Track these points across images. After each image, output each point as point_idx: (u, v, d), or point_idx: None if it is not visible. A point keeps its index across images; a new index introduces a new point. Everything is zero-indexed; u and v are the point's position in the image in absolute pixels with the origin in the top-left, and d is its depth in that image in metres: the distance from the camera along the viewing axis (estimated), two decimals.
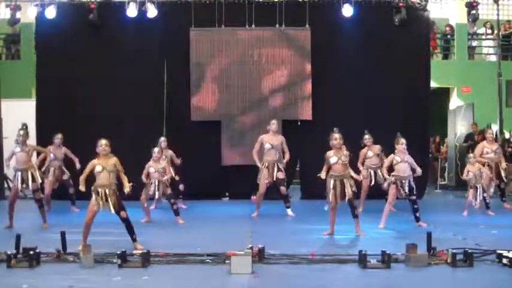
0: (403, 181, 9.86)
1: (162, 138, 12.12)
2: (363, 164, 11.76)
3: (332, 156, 9.08)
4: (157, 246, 7.79)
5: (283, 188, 11.33)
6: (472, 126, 16.26)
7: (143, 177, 10.60)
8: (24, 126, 10.23)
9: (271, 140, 11.37)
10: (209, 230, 9.90)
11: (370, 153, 11.80)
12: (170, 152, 12.16)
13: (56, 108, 13.87)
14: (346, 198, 9.05)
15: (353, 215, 9.17)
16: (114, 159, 8.02)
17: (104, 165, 7.94)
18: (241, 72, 14.07)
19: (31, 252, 7.07)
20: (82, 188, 8.02)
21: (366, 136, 11.85)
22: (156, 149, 10.86)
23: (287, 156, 11.40)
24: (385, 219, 9.87)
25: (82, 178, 8.06)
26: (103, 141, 8.02)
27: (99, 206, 7.89)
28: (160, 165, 10.74)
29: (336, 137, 9.10)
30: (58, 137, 11.95)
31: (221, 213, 12.06)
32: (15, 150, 10.15)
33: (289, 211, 11.39)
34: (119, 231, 8.38)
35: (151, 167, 10.65)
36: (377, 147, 11.80)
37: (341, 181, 9.07)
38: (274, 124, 11.55)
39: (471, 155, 11.92)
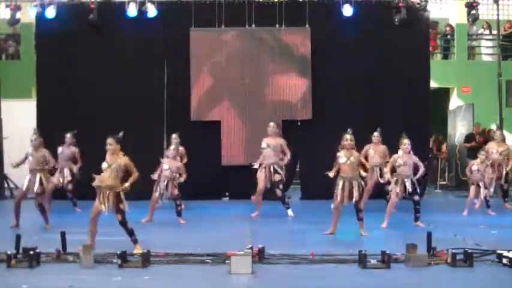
0: (405, 179, 9.90)
1: (174, 135, 12.09)
2: (365, 158, 11.71)
3: (342, 157, 9.11)
4: (157, 246, 7.79)
5: (278, 191, 11.32)
6: (475, 127, 16.25)
7: (156, 176, 10.58)
8: (35, 131, 10.26)
9: (272, 145, 11.37)
10: (209, 230, 9.90)
11: (371, 152, 11.78)
12: (181, 149, 12.17)
13: (56, 108, 13.87)
14: (353, 200, 9.07)
15: (357, 217, 9.19)
16: (123, 160, 7.90)
17: (110, 162, 7.87)
18: (241, 72, 14.06)
19: (31, 252, 7.07)
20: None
21: (375, 134, 11.79)
22: (172, 146, 10.83)
23: (286, 158, 11.36)
24: (388, 219, 9.89)
25: None
26: (108, 140, 7.95)
27: (102, 208, 7.87)
28: (175, 163, 10.72)
29: (348, 138, 9.14)
30: (67, 136, 11.93)
31: (221, 213, 12.06)
32: (29, 153, 10.14)
33: (289, 211, 11.40)
34: (119, 231, 8.38)
35: (166, 164, 10.63)
36: (382, 148, 11.71)
37: (350, 182, 9.09)
38: (270, 127, 11.53)
39: (483, 152, 11.88)
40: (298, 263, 7.25)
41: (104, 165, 7.90)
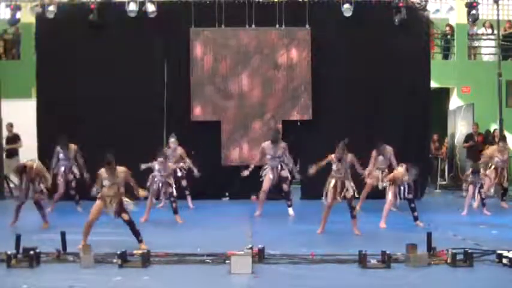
0: (400, 184, 9.97)
1: (172, 140, 12.32)
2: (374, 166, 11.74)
3: (335, 163, 9.18)
4: (157, 246, 7.80)
5: (285, 186, 11.43)
6: (473, 127, 16.26)
7: (148, 184, 10.61)
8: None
9: (273, 150, 11.43)
10: (209, 230, 9.90)
11: (377, 156, 11.80)
12: (180, 151, 12.28)
13: (56, 108, 13.86)
14: (347, 197, 9.13)
15: (351, 215, 9.25)
16: (122, 172, 8.07)
17: (112, 179, 8.01)
18: (241, 72, 14.06)
19: (31, 252, 7.07)
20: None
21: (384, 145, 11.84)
22: (160, 159, 10.80)
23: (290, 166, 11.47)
24: (385, 218, 9.92)
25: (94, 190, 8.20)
26: (105, 168, 8.07)
27: (101, 211, 7.94)
28: (167, 166, 10.74)
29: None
30: (62, 138, 12.00)
31: (221, 213, 12.06)
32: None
33: (290, 210, 11.44)
34: (119, 231, 8.40)
35: (156, 170, 10.68)
36: (388, 150, 11.74)
37: (342, 182, 9.18)
38: (271, 136, 11.62)
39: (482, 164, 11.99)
40: (298, 263, 7.26)
41: (106, 182, 8.00)
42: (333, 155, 9.28)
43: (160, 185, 10.64)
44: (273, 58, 14.08)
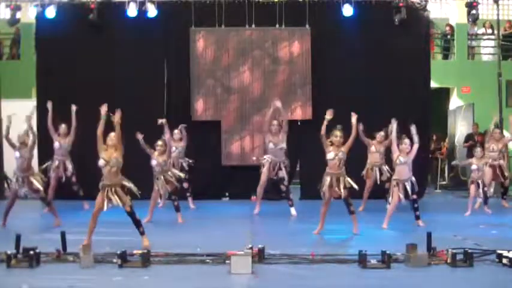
0: (405, 183, 9.91)
1: (176, 131, 12.33)
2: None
3: (330, 152, 9.13)
4: (157, 246, 7.80)
5: (283, 186, 11.48)
6: (473, 127, 16.27)
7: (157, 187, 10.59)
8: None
9: (274, 139, 11.42)
10: (209, 230, 9.89)
11: (373, 148, 11.85)
12: (180, 135, 12.43)
13: (56, 109, 13.83)
14: (342, 196, 9.10)
15: (349, 211, 9.24)
16: (118, 150, 7.99)
17: (107, 158, 7.94)
18: (241, 72, 14.08)
19: (31, 252, 7.07)
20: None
21: (382, 133, 11.92)
22: (159, 142, 10.85)
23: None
24: (388, 220, 9.88)
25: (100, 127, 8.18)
26: (111, 134, 8.16)
27: (104, 204, 7.90)
28: (162, 158, 10.72)
29: (337, 135, 9.21)
30: (62, 127, 12.07)
31: (221, 213, 12.06)
32: (16, 155, 10.22)
33: (292, 210, 11.42)
34: (119, 231, 8.40)
35: (154, 159, 10.64)
36: (384, 147, 11.80)
37: (337, 179, 9.14)
38: (273, 125, 11.59)
39: (478, 149, 11.87)
40: (298, 263, 7.25)
41: (101, 162, 7.94)
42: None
43: (162, 178, 10.61)
44: (272, 58, 14.09)
